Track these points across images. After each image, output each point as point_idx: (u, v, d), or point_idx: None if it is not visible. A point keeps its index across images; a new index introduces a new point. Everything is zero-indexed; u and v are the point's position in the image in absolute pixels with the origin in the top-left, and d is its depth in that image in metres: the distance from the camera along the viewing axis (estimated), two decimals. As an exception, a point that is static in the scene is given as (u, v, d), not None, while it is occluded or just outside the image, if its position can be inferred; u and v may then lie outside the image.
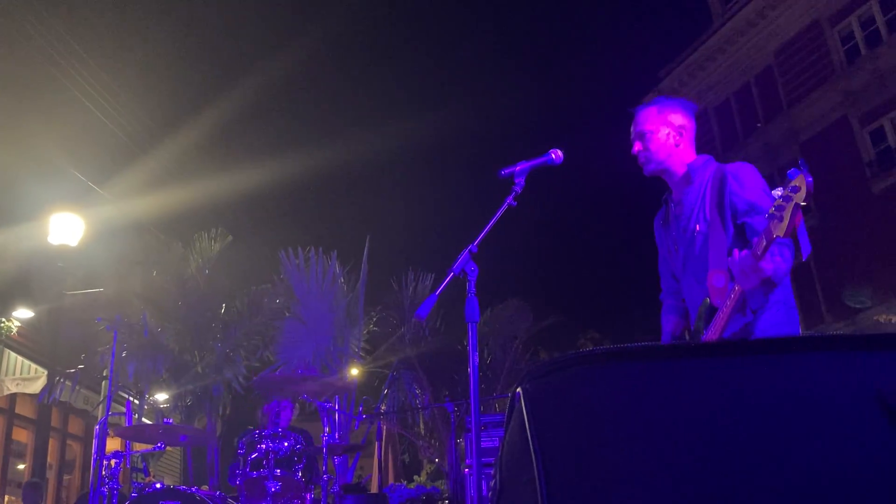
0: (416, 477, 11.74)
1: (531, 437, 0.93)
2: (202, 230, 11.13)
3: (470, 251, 2.64)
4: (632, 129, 2.75)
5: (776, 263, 2.17)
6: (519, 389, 1.01)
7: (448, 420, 11.08)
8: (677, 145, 2.66)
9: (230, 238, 11.18)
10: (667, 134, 2.66)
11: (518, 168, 2.78)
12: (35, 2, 9.54)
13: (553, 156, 2.81)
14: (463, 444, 6.16)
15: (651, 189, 2.93)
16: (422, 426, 11.94)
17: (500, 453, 1.09)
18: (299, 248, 10.21)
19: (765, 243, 2.08)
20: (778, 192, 2.02)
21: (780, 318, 2.41)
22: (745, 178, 2.50)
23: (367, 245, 10.40)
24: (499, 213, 2.75)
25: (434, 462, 12.84)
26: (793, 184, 1.97)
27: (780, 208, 2.00)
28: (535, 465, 0.90)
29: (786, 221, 1.98)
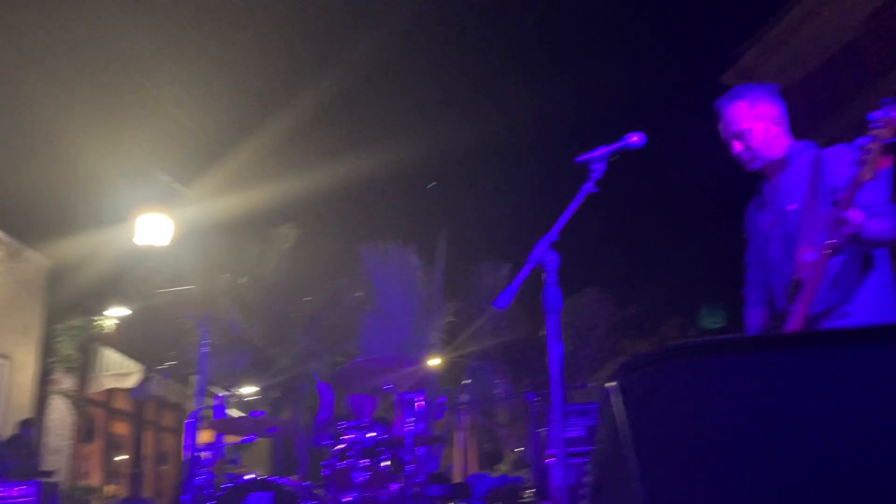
0: (498, 466, 11.74)
1: (626, 433, 0.90)
2: (280, 226, 11.38)
3: (549, 240, 2.61)
4: (724, 127, 2.67)
5: (867, 218, 2.07)
6: (611, 384, 0.99)
7: (529, 410, 11.06)
8: (777, 136, 2.59)
9: (301, 231, 11.39)
10: (764, 128, 2.58)
11: (595, 154, 2.73)
12: (120, 13, 9.92)
13: (632, 139, 2.74)
14: (544, 433, 6.11)
15: (737, 171, 2.83)
16: (503, 416, 11.94)
17: (594, 449, 1.07)
18: (378, 242, 10.34)
19: (852, 189, 2.00)
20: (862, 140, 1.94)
21: (880, 301, 2.30)
22: (843, 156, 2.40)
23: (444, 237, 10.44)
24: (577, 201, 2.71)
25: (515, 451, 12.83)
26: (876, 123, 1.88)
27: (865, 152, 1.90)
28: (631, 462, 0.88)
29: (873, 163, 1.89)
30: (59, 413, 12.09)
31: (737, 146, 2.64)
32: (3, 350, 10.58)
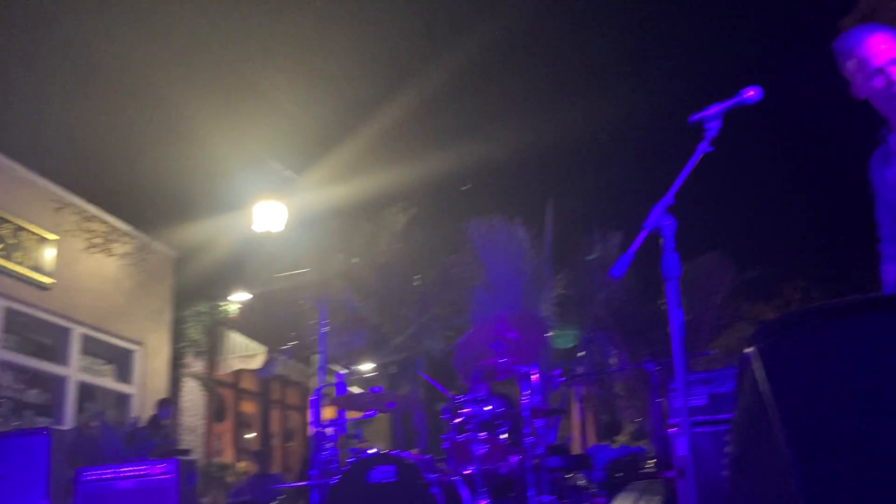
0: (617, 437, 11.59)
1: (770, 402, 0.85)
2: (390, 207, 11.54)
3: (664, 204, 2.53)
4: (860, 63, 2.46)
5: None
6: (749, 350, 0.93)
7: (647, 380, 10.85)
8: None
9: (415, 210, 11.51)
10: None
11: (709, 111, 2.62)
12: (238, 9, 10.29)
13: (748, 94, 2.62)
14: (665, 403, 5.97)
15: (859, 121, 2.65)
16: (620, 387, 11.77)
17: (734, 418, 1.02)
18: (484, 217, 10.34)
19: None
20: None
21: None
22: None
23: (550, 208, 10.33)
24: (693, 162, 2.61)
25: (635, 422, 12.63)
26: None
27: None
28: (779, 434, 0.82)
29: None
30: (192, 395, 12.78)
31: (878, 82, 2.43)
32: (138, 337, 11.26)
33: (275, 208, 11.48)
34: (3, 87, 9.19)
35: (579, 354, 10.69)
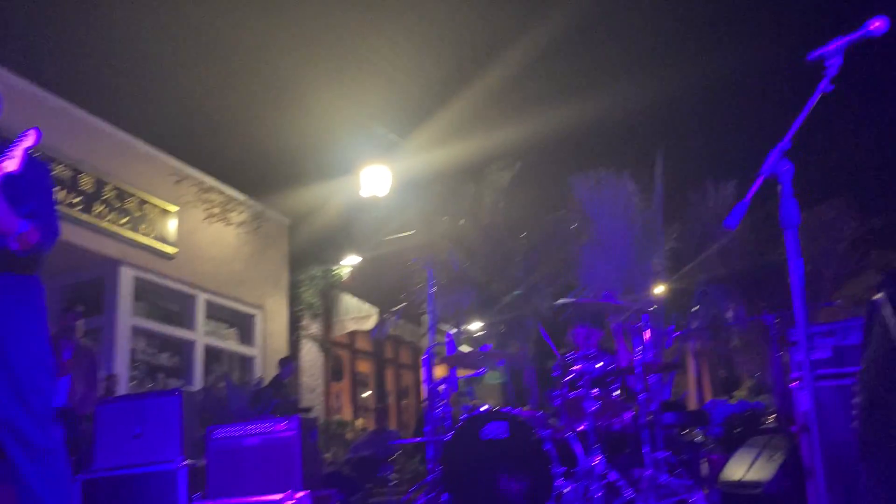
0: (735, 392, 11.28)
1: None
2: (493, 166, 11.49)
3: (782, 149, 2.40)
4: None
5: None
6: (879, 296, 0.88)
7: (766, 333, 10.46)
8: None
9: (519, 165, 11.41)
10: None
11: (830, 47, 2.46)
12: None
13: (873, 26, 2.43)
14: (786, 356, 5.74)
15: None
16: (737, 341, 11.40)
17: (863, 366, 0.96)
18: (590, 170, 10.13)
19: None
20: None
21: None
22: None
23: (659, 159, 10.01)
24: (811, 103, 2.46)
25: (754, 377, 12.24)
26: None
27: None
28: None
29: None
30: (311, 356, 13.28)
31: None
32: (258, 301, 11.75)
33: (381, 173, 11.66)
34: (126, 69, 9.66)
35: (693, 309, 10.40)
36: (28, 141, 2.71)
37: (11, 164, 2.67)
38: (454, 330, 12.37)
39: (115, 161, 9.44)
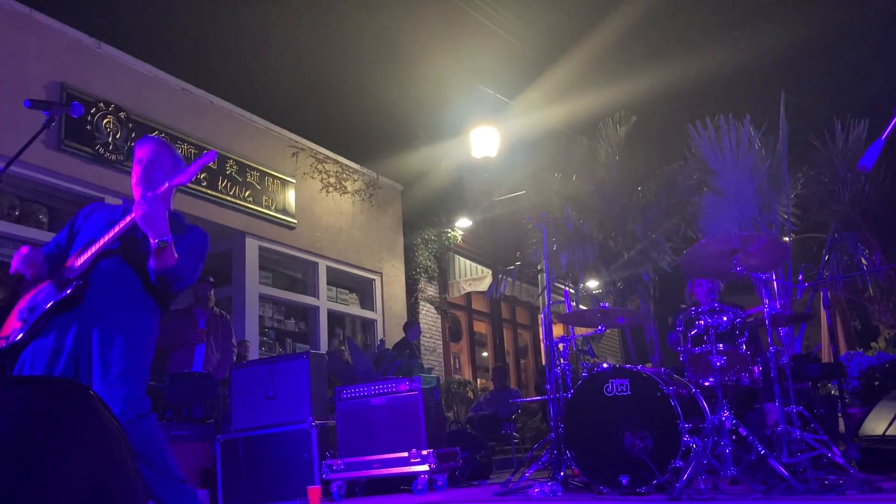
0: (873, 344, 10.67)
1: None
2: (609, 118, 11.23)
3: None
4: None
5: None
6: None
7: (907, 280, 9.82)
8: None
9: (634, 118, 11.09)
10: None
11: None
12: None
13: None
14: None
15: None
16: (874, 289, 10.76)
17: None
18: (707, 119, 9.71)
19: None
20: None
21: None
22: None
23: (782, 101, 9.46)
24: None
25: (892, 328, 11.55)
26: None
27: None
28: None
29: None
30: (429, 318, 13.52)
31: None
32: (376, 267, 12.04)
33: (490, 134, 11.63)
34: (243, 51, 10.00)
35: (825, 257, 9.86)
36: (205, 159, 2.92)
37: (182, 179, 2.94)
38: (571, 288, 12.29)
39: (235, 137, 9.83)
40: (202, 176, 9.07)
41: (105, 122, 7.89)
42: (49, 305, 2.99)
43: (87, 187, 7.81)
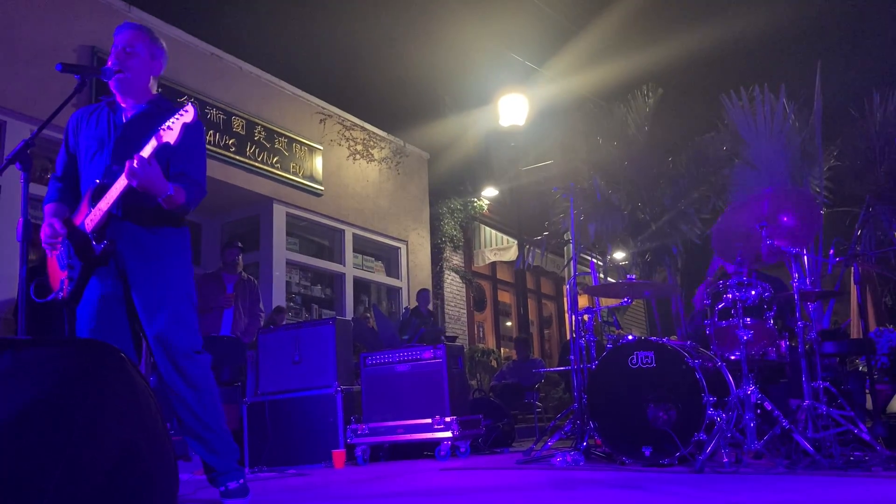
0: (903, 321, 10.52)
1: None
2: (638, 89, 11.07)
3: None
4: None
5: None
6: None
7: (943, 256, 9.64)
8: None
9: (661, 91, 10.93)
10: None
11: None
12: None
13: None
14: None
15: None
16: (907, 265, 10.58)
17: None
18: (741, 89, 9.53)
19: None
20: None
21: None
22: None
23: (818, 72, 9.26)
24: None
25: (925, 303, 11.38)
26: None
27: None
28: None
29: None
30: (454, 286, 13.55)
31: None
32: (402, 235, 12.06)
33: (518, 101, 11.52)
34: (271, 16, 9.97)
35: (857, 232, 9.69)
36: (187, 117, 2.90)
37: (170, 137, 2.88)
38: (597, 259, 12.23)
39: (264, 104, 9.85)
40: (230, 141, 9.12)
41: (135, 86, 7.92)
42: (81, 267, 3.07)
43: (118, 152, 7.87)
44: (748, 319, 4.39)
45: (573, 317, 5.61)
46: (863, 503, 2.74)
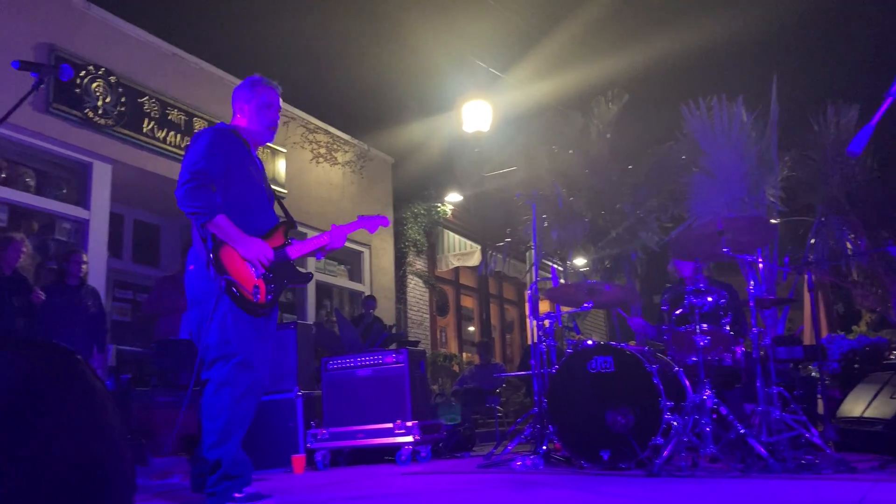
0: (854, 327, 10.80)
1: None
2: (600, 97, 11.20)
3: (913, 68, 2.23)
4: None
5: None
6: None
7: (891, 265, 9.91)
8: None
9: (627, 97, 11.08)
10: None
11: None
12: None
13: None
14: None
15: None
16: (858, 274, 10.87)
17: None
18: (700, 99, 9.71)
19: None
20: None
21: None
22: None
23: (774, 84, 9.48)
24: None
25: (874, 311, 11.68)
26: None
27: None
28: None
29: None
30: (417, 291, 13.56)
31: None
32: (365, 239, 12.03)
33: (482, 108, 11.58)
34: (234, 17, 9.88)
35: (810, 241, 9.93)
36: None
37: None
38: (559, 266, 12.34)
39: (227, 106, 9.72)
40: (188, 141, 9.00)
41: (94, 85, 7.81)
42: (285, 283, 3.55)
43: (75, 151, 7.75)
44: (705, 325, 4.47)
45: (534, 322, 5.65)
46: (812, 505, 2.82)
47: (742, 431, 4.01)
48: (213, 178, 3.28)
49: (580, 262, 12.80)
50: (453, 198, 14.24)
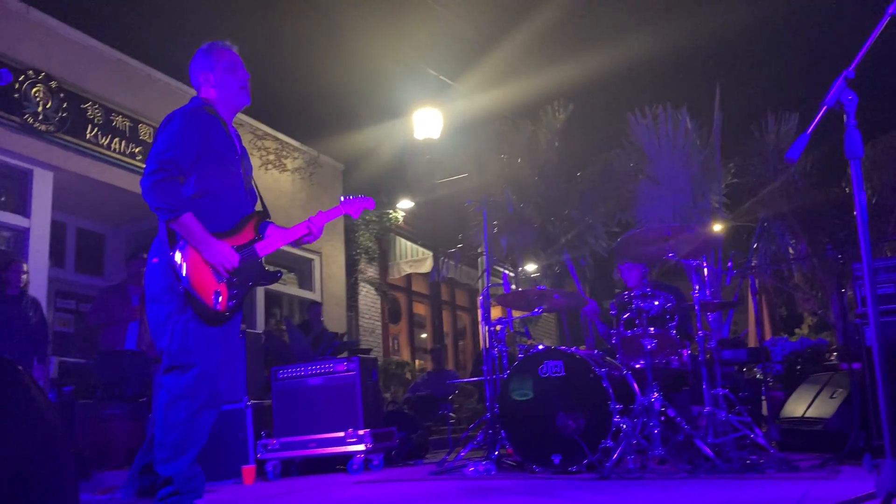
0: (796, 330, 11.10)
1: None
2: (549, 105, 11.33)
3: (846, 78, 2.32)
4: None
5: None
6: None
7: (830, 269, 10.22)
8: None
9: (572, 106, 11.23)
10: None
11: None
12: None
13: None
14: (850, 293, 5.64)
15: None
16: (798, 278, 11.18)
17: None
18: (646, 108, 9.90)
19: None
20: None
21: None
22: None
23: (717, 93, 9.72)
24: (879, 28, 2.36)
25: (815, 314, 12.02)
26: None
27: None
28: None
29: None
30: (369, 299, 13.49)
31: None
32: (316, 246, 11.94)
33: (433, 115, 11.62)
34: (179, 20, 9.73)
35: (753, 245, 10.19)
36: None
37: None
38: (510, 271, 12.42)
39: (172, 110, 9.60)
40: (137, 150, 8.84)
41: (34, 90, 7.61)
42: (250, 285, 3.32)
43: (15, 158, 7.53)
44: (652, 329, 4.55)
45: (486, 327, 5.68)
46: None
47: (689, 433, 4.08)
48: (183, 169, 3.11)
49: (531, 267, 12.91)
50: (405, 204, 14.24)
